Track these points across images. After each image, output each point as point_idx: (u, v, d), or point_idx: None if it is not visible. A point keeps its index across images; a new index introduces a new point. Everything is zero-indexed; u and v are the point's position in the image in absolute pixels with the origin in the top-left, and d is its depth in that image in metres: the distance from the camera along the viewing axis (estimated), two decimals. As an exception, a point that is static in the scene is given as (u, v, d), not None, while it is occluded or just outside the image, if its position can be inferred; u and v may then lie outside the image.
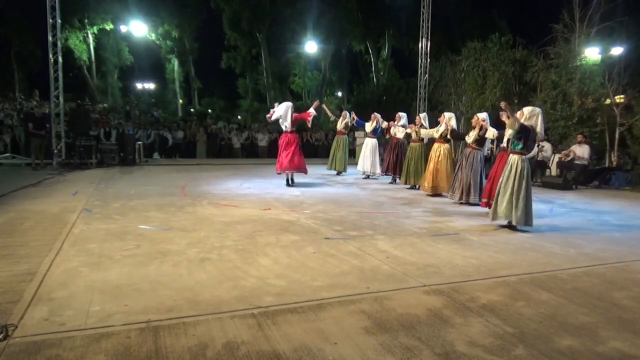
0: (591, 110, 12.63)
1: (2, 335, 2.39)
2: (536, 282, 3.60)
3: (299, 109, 11.89)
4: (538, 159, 11.72)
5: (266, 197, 7.69)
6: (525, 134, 5.39)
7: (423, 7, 16.24)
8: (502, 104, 5.63)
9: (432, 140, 8.90)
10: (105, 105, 25.81)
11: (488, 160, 9.05)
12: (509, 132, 5.85)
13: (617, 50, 13.22)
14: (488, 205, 6.51)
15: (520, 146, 5.45)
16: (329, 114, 12.50)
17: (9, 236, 4.57)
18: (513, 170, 5.43)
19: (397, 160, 10.22)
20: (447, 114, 8.44)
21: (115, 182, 9.23)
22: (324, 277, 3.55)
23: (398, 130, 10.12)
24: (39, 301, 2.90)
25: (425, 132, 8.96)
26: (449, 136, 8.31)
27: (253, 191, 8.36)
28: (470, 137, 7.51)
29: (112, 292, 3.10)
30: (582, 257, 4.44)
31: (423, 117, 9.37)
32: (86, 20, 27.56)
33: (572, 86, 12.48)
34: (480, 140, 7.42)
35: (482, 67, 15.02)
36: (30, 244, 4.27)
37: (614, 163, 12.32)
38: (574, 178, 10.85)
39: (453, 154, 9.11)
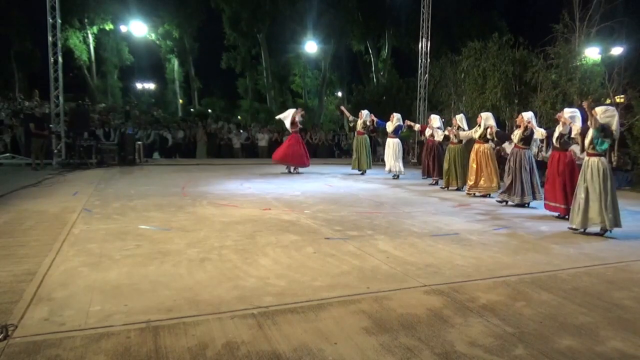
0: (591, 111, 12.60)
1: (2, 335, 2.39)
2: (536, 282, 3.59)
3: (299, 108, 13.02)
4: (538, 159, 11.70)
5: (266, 197, 7.69)
6: (606, 134, 5.24)
7: (423, 7, 16.24)
8: (584, 104, 5.50)
9: (470, 142, 8.87)
10: (104, 104, 25.81)
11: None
12: (574, 131, 5.79)
13: (617, 50, 13.21)
14: (551, 207, 6.50)
15: (605, 145, 5.31)
16: (348, 115, 12.66)
17: (9, 236, 4.58)
18: (595, 173, 5.26)
19: (435, 163, 10.17)
20: (484, 115, 8.40)
21: (115, 182, 9.23)
22: (324, 277, 3.55)
23: (437, 133, 10.07)
24: (39, 301, 2.90)
25: (464, 134, 8.91)
26: (490, 136, 8.18)
27: (253, 191, 8.36)
28: (516, 137, 7.43)
29: (112, 292, 3.10)
30: (582, 257, 4.44)
31: (459, 118, 9.32)
32: (86, 20, 27.55)
33: (572, 86, 12.47)
34: (526, 140, 7.34)
35: (482, 67, 15.00)
36: (30, 244, 4.28)
37: (614, 163, 12.31)
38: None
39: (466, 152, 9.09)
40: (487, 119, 8.27)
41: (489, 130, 8.17)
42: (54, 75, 12.73)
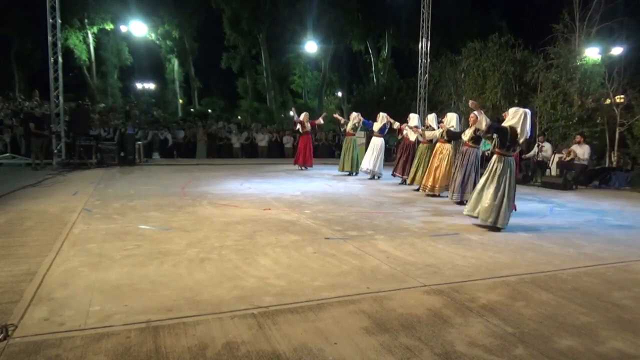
0: (591, 110, 12.63)
1: (2, 335, 2.39)
2: (536, 282, 3.59)
3: (300, 109, 13.90)
4: (538, 159, 11.73)
5: (266, 197, 7.69)
6: (500, 134, 5.37)
7: (423, 7, 16.24)
8: (470, 103, 5.63)
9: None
10: (104, 105, 25.84)
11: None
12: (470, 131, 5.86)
13: (617, 50, 13.21)
14: None
15: (488, 146, 5.46)
16: (339, 118, 12.88)
17: (9, 236, 4.57)
18: (492, 170, 5.44)
19: (408, 162, 10.18)
20: (448, 115, 8.43)
21: (115, 182, 9.23)
22: (324, 277, 3.55)
23: (410, 134, 10.07)
24: (39, 301, 2.90)
25: (429, 134, 8.93)
26: (444, 136, 8.31)
27: (253, 191, 8.36)
28: (467, 136, 7.49)
29: (112, 292, 3.10)
30: (582, 257, 4.44)
31: (431, 118, 9.31)
32: (86, 20, 27.58)
33: (572, 86, 12.48)
34: (477, 139, 7.41)
35: (482, 67, 15.02)
36: (30, 244, 4.27)
37: (614, 163, 12.32)
38: (574, 178, 10.85)
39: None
40: (450, 119, 8.29)
41: (444, 130, 8.20)
42: (54, 75, 12.73)
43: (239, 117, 31.33)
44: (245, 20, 28.37)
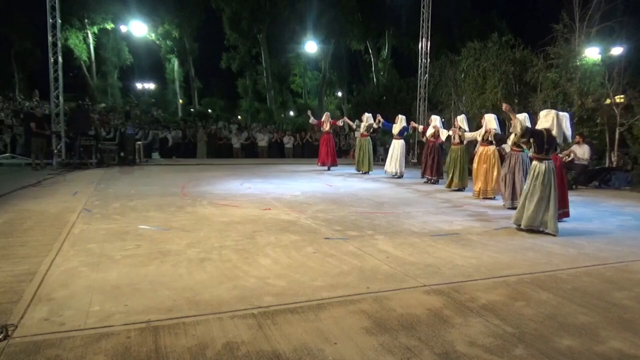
0: (591, 110, 12.63)
1: (2, 335, 2.39)
2: (536, 282, 3.59)
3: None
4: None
5: (266, 197, 7.69)
6: (537, 138, 5.31)
7: (423, 7, 16.24)
8: (504, 107, 5.58)
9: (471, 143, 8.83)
10: (104, 104, 25.83)
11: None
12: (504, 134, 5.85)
13: (617, 50, 13.21)
14: None
15: (526, 150, 5.38)
16: (351, 123, 13.41)
17: (9, 236, 4.57)
18: (534, 176, 5.34)
19: (434, 163, 10.20)
20: (487, 116, 8.33)
21: (115, 182, 9.23)
22: (324, 277, 3.55)
23: (442, 133, 10.00)
24: (39, 301, 2.90)
25: (469, 135, 8.87)
26: (490, 138, 8.16)
27: (253, 191, 8.36)
28: (511, 140, 7.36)
29: (112, 292, 3.10)
30: (582, 257, 4.44)
31: (461, 119, 9.29)
32: (86, 20, 27.59)
33: (572, 86, 12.47)
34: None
35: (482, 67, 15.01)
36: (30, 244, 4.27)
37: (614, 163, 12.31)
38: (574, 178, 10.84)
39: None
40: (488, 121, 8.21)
41: (491, 132, 8.15)
42: (54, 75, 12.72)
43: (239, 117, 31.33)
44: (245, 20, 28.37)
